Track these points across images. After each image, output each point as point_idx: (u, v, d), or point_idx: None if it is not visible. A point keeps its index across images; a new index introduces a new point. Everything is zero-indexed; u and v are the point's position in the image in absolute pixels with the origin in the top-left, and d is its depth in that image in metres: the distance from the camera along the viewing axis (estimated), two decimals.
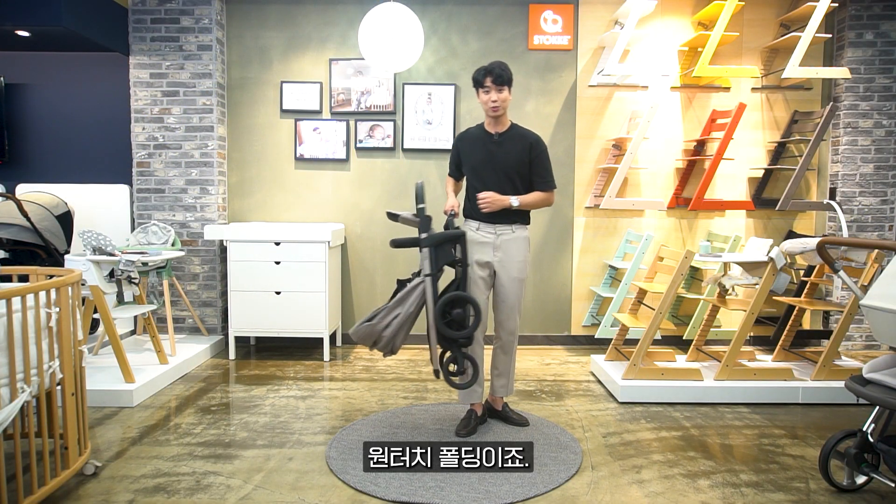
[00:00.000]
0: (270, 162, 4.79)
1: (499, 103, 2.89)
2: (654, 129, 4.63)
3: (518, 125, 3.03)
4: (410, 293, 2.83)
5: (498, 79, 2.87)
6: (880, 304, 2.28)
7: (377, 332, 2.79)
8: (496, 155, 2.95)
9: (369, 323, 2.80)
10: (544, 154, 2.98)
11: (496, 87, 2.87)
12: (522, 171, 2.95)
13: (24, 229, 3.85)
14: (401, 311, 2.80)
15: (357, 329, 2.81)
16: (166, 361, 3.86)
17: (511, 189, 2.94)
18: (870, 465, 2.34)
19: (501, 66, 2.90)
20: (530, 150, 2.94)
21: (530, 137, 2.98)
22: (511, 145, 2.95)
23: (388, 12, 4.10)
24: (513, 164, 2.93)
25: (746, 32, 4.65)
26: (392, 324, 2.79)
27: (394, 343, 2.83)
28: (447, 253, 2.85)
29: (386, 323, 2.79)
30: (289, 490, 2.44)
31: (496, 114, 2.92)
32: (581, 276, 4.79)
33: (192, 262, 4.64)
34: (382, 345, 2.81)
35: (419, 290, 2.83)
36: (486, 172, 2.96)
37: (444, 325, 2.80)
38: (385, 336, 2.79)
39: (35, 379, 2.18)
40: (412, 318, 2.84)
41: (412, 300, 2.82)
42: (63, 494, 2.38)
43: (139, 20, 4.53)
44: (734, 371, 3.54)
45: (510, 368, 3.12)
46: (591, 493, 2.44)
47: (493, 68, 2.87)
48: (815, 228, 4.79)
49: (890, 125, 4.62)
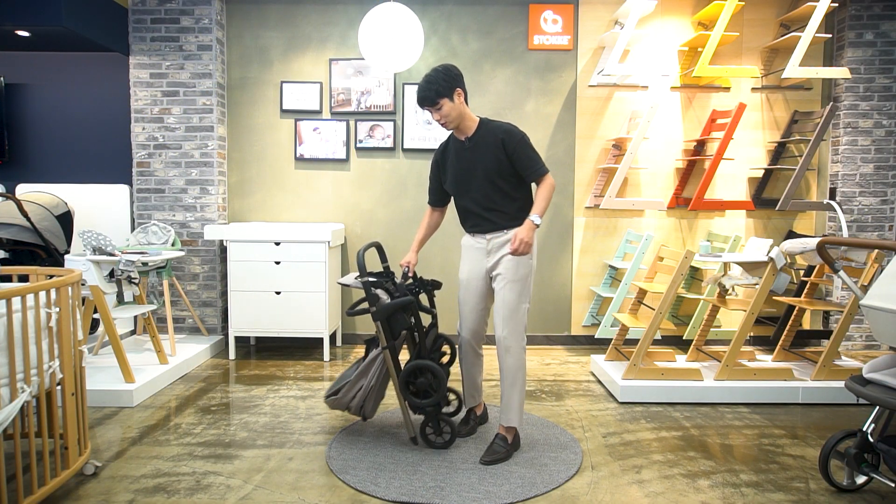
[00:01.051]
0: (270, 162, 4.79)
1: (443, 120, 2.68)
2: (654, 129, 4.63)
3: (489, 120, 2.76)
4: (371, 364, 2.83)
5: (423, 101, 2.66)
6: (880, 304, 2.28)
7: (344, 404, 2.86)
8: (473, 161, 2.72)
9: (335, 397, 2.87)
10: (521, 142, 2.67)
11: (429, 109, 2.68)
12: (504, 169, 2.69)
13: (24, 229, 3.85)
14: (363, 383, 2.82)
15: (328, 401, 2.90)
16: (166, 361, 3.86)
17: (494, 193, 2.70)
18: (870, 465, 2.34)
19: (425, 83, 2.64)
20: (504, 146, 2.66)
21: (499, 132, 2.68)
22: (484, 147, 2.69)
23: (388, 12, 4.10)
24: (491, 166, 2.68)
25: (746, 32, 4.65)
26: (357, 395, 2.83)
27: (364, 410, 2.87)
28: (401, 321, 2.70)
29: (351, 395, 2.84)
30: (289, 490, 2.44)
31: (446, 128, 2.74)
32: (581, 276, 4.79)
33: (192, 262, 4.64)
34: (354, 412, 2.88)
35: (379, 361, 2.82)
36: (469, 183, 2.74)
37: (411, 396, 2.77)
38: (353, 406, 2.85)
39: (35, 379, 2.18)
40: (377, 388, 2.86)
41: (373, 371, 2.82)
42: (63, 494, 2.38)
43: (139, 20, 4.53)
44: (734, 371, 3.54)
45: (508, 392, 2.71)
46: (591, 493, 2.44)
47: (419, 92, 2.65)
48: (815, 228, 4.79)
49: (890, 125, 4.62)
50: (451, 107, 2.66)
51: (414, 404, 2.77)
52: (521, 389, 2.73)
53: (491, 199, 2.72)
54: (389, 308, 2.69)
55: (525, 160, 2.68)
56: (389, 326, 2.72)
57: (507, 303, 2.67)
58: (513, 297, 2.67)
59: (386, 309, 2.70)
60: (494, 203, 2.72)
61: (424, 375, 2.74)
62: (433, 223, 3.03)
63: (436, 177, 2.93)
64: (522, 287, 2.69)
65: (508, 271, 2.68)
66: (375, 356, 2.83)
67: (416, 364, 2.74)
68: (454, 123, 2.71)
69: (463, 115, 2.71)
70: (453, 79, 2.67)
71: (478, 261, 2.80)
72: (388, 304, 2.70)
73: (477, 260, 2.80)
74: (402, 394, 2.77)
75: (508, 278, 2.67)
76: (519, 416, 2.75)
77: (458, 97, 2.69)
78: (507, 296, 2.67)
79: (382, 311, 2.70)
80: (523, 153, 2.68)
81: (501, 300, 2.68)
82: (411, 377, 2.76)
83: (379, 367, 2.82)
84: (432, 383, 2.73)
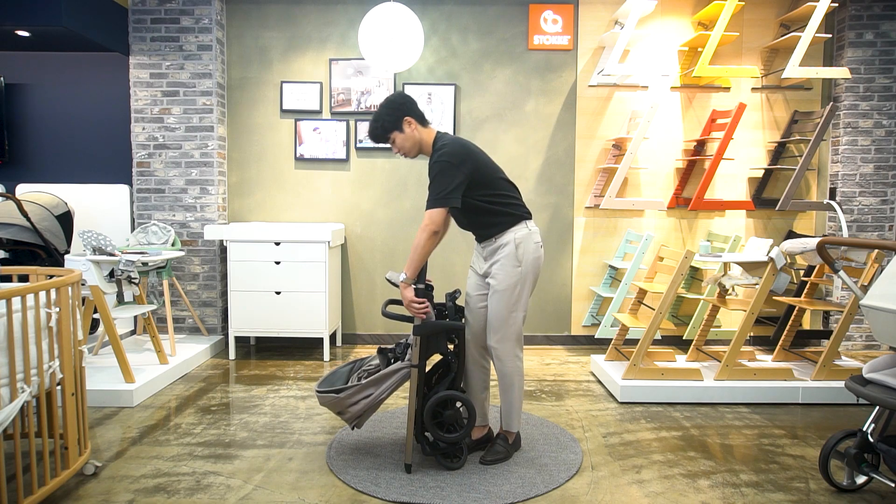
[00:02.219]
0: (270, 162, 4.79)
1: (402, 152, 2.65)
2: (654, 129, 4.63)
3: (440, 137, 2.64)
4: (389, 376, 2.58)
5: (375, 139, 2.64)
6: (880, 304, 2.28)
7: (343, 406, 2.61)
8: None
9: (336, 396, 2.59)
10: (436, 166, 2.53)
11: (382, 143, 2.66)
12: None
13: (24, 229, 3.85)
14: (373, 392, 2.58)
15: (323, 396, 2.62)
16: (166, 361, 3.86)
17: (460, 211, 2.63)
18: (870, 465, 2.34)
19: (372, 121, 2.63)
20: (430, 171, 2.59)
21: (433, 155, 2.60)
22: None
23: (388, 12, 4.10)
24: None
25: (746, 32, 4.65)
26: (360, 403, 2.59)
27: (360, 420, 2.66)
28: (441, 344, 2.57)
29: (354, 400, 2.59)
30: (289, 490, 2.44)
31: (411, 158, 2.71)
32: (581, 276, 4.79)
33: (192, 262, 4.64)
34: (347, 417, 2.64)
35: (398, 377, 2.58)
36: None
37: (435, 427, 2.55)
38: (351, 411, 2.61)
39: (35, 379, 2.18)
40: (382, 402, 2.63)
41: (388, 385, 2.58)
42: (63, 494, 2.38)
43: (139, 20, 4.53)
44: (734, 371, 3.54)
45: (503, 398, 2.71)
46: (591, 493, 2.44)
47: (367, 130, 2.66)
48: (815, 228, 4.79)
49: (890, 125, 4.62)
50: (404, 137, 2.61)
51: (438, 437, 2.56)
52: (517, 395, 2.70)
53: (461, 215, 2.68)
54: (437, 327, 2.53)
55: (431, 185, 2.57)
56: (426, 345, 2.54)
57: (496, 312, 2.63)
58: (500, 307, 2.61)
59: (432, 326, 2.52)
60: (466, 217, 2.68)
61: (456, 408, 2.56)
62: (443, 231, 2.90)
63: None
64: (510, 296, 2.61)
65: (497, 281, 2.62)
66: (396, 370, 2.59)
67: (450, 395, 2.55)
68: (414, 152, 2.65)
69: (421, 141, 2.64)
70: (398, 109, 2.61)
71: (477, 265, 2.77)
72: (437, 323, 2.54)
73: (476, 265, 2.78)
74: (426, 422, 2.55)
75: (497, 288, 2.62)
76: (517, 420, 2.74)
77: (409, 125, 2.62)
78: (495, 305, 2.63)
79: (427, 326, 2.51)
80: (433, 178, 2.56)
81: (491, 309, 2.64)
82: (442, 407, 2.58)
83: (396, 382, 2.60)
84: (460, 419, 2.57)
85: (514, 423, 2.74)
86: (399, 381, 2.60)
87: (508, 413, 2.73)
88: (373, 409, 2.64)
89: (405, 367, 2.57)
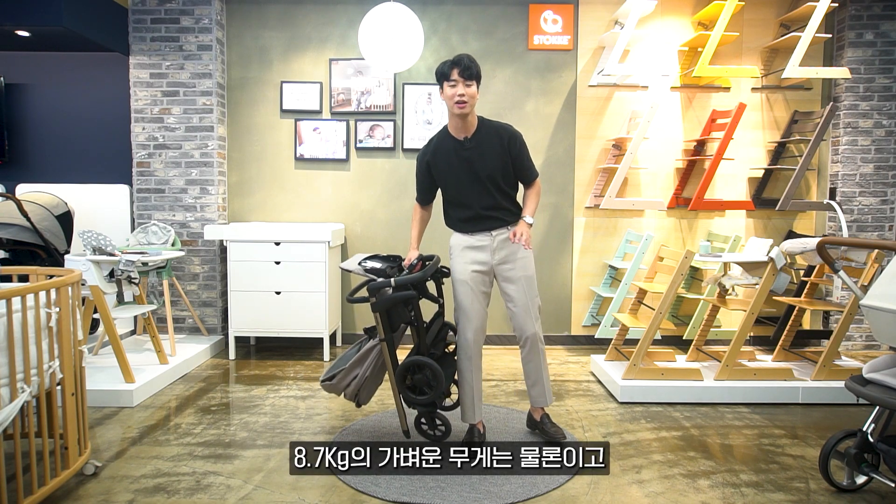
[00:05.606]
0: (270, 162, 4.79)
1: (466, 98, 2.61)
2: (654, 129, 4.62)
3: (487, 120, 2.76)
4: (368, 354, 2.79)
5: (466, 71, 2.60)
6: (880, 304, 2.28)
7: (339, 389, 2.85)
8: (474, 163, 2.70)
9: (330, 382, 2.85)
10: (524, 146, 2.78)
11: (464, 81, 2.60)
12: (506, 171, 2.74)
13: (24, 229, 3.85)
14: (358, 372, 2.80)
15: (323, 384, 2.88)
16: (166, 361, 3.86)
17: (497, 193, 2.74)
18: (870, 465, 2.34)
19: (470, 58, 2.63)
20: (510, 148, 2.71)
21: (504, 134, 2.72)
22: (487, 147, 2.70)
23: (388, 12, 4.10)
24: (495, 166, 2.71)
25: (746, 32, 4.65)
26: (352, 384, 2.81)
27: (359, 398, 2.86)
28: (402, 314, 2.67)
29: (346, 383, 2.82)
30: (289, 490, 2.44)
31: (462, 110, 2.63)
32: (581, 276, 4.79)
33: (192, 262, 4.64)
34: (349, 398, 2.87)
35: (375, 352, 2.77)
36: (467, 184, 2.74)
37: (407, 391, 2.71)
38: (347, 392, 2.84)
39: (35, 379, 2.18)
40: (372, 378, 2.84)
41: (369, 361, 2.79)
42: (63, 494, 2.38)
43: (139, 20, 4.53)
44: (734, 371, 3.54)
45: (541, 376, 2.86)
46: (591, 493, 2.44)
47: (462, 59, 2.61)
48: (815, 228, 4.79)
49: (890, 125, 4.62)
50: (476, 93, 2.68)
51: (409, 400, 2.71)
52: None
53: (496, 199, 2.76)
54: (389, 301, 2.61)
55: (526, 162, 2.81)
56: (389, 319, 2.65)
57: (532, 297, 2.79)
58: (533, 292, 2.79)
59: (386, 301, 2.61)
60: (499, 202, 2.78)
61: (422, 372, 2.68)
62: (425, 218, 3.03)
63: (427, 176, 2.87)
64: (534, 280, 2.81)
65: (526, 268, 2.78)
66: (372, 347, 2.78)
67: (413, 360, 2.68)
68: (470, 107, 2.66)
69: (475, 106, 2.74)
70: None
71: (481, 259, 2.77)
72: (389, 297, 2.62)
73: (480, 258, 2.77)
74: (397, 388, 2.72)
75: (527, 274, 2.78)
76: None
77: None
78: (528, 290, 2.78)
79: (382, 302, 2.61)
80: (525, 156, 2.80)
81: (525, 297, 2.77)
82: (408, 372, 2.71)
83: (375, 359, 2.78)
84: (430, 380, 2.68)
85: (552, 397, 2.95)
86: (377, 356, 2.78)
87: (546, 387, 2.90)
88: (367, 386, 2.84)
89: (376, 342, 2.76)
